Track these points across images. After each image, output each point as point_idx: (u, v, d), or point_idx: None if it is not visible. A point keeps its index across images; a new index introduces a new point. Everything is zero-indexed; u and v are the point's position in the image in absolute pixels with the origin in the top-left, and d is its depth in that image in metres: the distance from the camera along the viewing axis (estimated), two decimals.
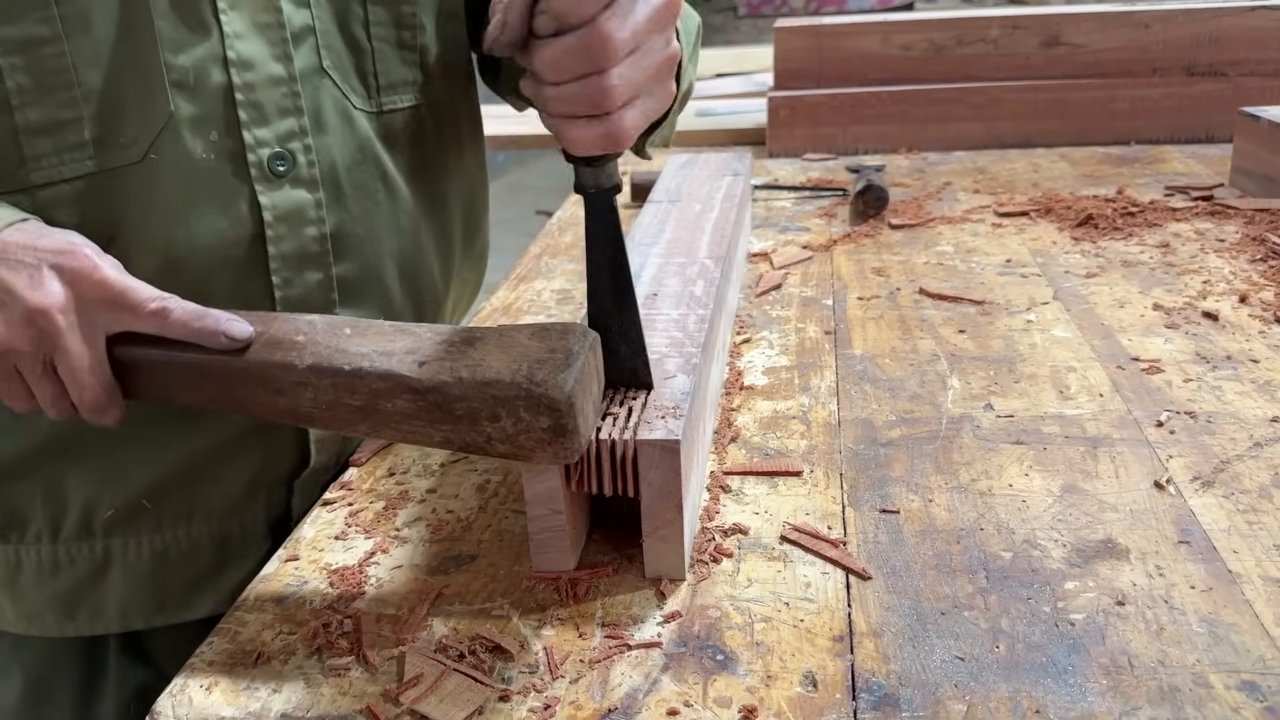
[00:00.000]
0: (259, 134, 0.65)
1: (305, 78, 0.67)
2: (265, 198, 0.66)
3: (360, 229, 0.72)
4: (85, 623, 0.72)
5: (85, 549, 0.70)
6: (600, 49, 0.51)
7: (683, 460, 0.55)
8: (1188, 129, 1.52)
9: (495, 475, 0.71)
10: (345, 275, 0.72)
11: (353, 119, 0.70)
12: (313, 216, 0.68)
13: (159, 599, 0.72)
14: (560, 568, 0.59)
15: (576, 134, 0.54)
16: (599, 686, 0.50)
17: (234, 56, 0.63)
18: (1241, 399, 0.74)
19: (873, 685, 0.49)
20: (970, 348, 0.86)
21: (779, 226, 1.23)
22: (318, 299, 0.70)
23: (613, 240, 0.59)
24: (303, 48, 0.67)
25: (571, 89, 0.52)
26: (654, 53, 0.54)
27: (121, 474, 0.68)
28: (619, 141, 0.54)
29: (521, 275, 1.13)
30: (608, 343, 0.60)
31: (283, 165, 0.66)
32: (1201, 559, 0.57)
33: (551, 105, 0.54)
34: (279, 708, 0.51)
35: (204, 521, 0.71)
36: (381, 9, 0.71)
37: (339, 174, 0.70)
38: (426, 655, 0.53)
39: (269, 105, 0.65)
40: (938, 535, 0.61)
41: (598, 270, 0.59)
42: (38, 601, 0.71)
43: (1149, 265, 1.02)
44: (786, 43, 1.61)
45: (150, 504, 0.69)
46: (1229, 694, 0.47)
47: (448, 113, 0.79)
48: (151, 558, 0.70)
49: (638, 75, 0.53)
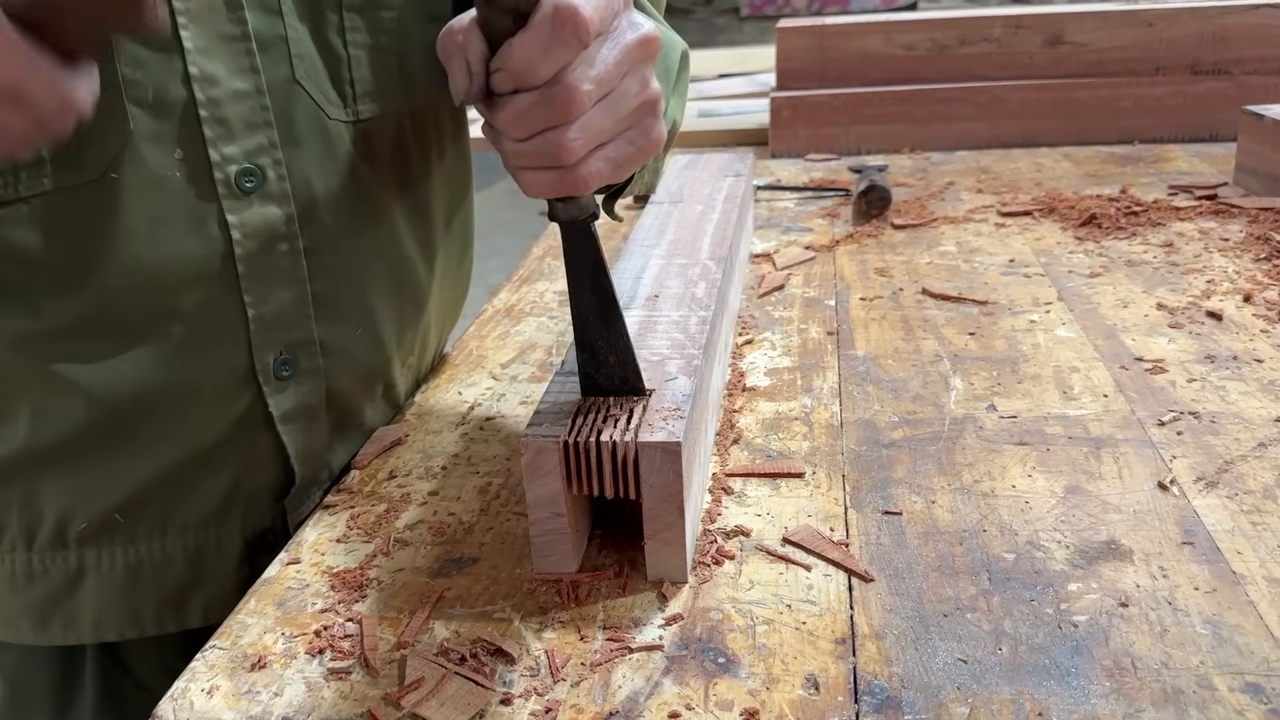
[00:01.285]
0: (225, 150, 0.63)
1: (275, 89, 0.65)
2: (233, 215, 0.64)
3: (336, 242, 0.70)
4: (59, 632, 0.71)
5: (59, 560, 0.69)
6: (563, 104, 0.49)
7: (684, 462, 0.55)
8: (1191, 128, 1.51)
9: (497, 478, 0.71)
10: (321, 290, 0.70)
11: (328, 130, 0.68)
12: (284, 232, 0.67)
13: (132, 612, 0.71)
14: (562, 570, 0.59)
15: (531, 179, 0.52)
16: (600, 689, 0.50)
17: (196, 72, 0.61)
18: (1246, 399, 0.74)
19: (875, 688, 0.49)
20: (973, 348, 0.86)
21: (781, 227, 1.23)
22: (292, 315, 0.68)
23: (593, 263, 0.58)
24: (273, 59, 0.65)
25: (532, 144, 0.51)
26: (626, 96, 0.52)
27: (95, 486, 0.67)
28: (576, 189, 0.52)
29: (524, 276, 1.13)
30: (596, 355, 0.60)
31: (250, 181, 0.64)
32: (1205, 560, 0.57)
33: (511, 159, 0.52)
34: (280, 711, 0.50)
35: (179, 536, 0.70)
36: (358, 15, 0.68)
37: (313, 187, 0.68)
38: (428, 658, 0.53)
39: (235, 120, 0.63)
40: (940, 537, 0.61)
41: (580, 291, 0.59)
42: (12, 610, 0.71)
43: (1153, 265, 1.02)
44: (789, 43, 1.61)
45: (123, 517, 0.68)
46: (1233, 696, 0.47)
47: (429, 119, 0.78)
48: (125, 571, 0.70)
49: (605, 123, 0.51)
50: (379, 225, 0.74)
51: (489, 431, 0.78)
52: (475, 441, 0.77)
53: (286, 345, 0.68)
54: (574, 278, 0.59)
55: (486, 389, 0.85)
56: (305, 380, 0.70)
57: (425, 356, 0.87)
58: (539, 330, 0.97)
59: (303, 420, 0.71)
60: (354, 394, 0.76)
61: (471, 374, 0.88)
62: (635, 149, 0.53)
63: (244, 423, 0.68)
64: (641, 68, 0.53)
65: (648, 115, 0.54)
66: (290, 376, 0.69)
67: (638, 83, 0.52)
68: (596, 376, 0.60)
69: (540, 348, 0.93)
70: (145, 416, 0.65)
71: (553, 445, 0.56)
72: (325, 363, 0.71)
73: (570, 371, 0.63)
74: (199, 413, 0.67)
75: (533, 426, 0.57)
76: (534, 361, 0.90)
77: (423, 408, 0.83)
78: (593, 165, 0.52)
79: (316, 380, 0.71)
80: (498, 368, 0.89)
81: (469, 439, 0.77)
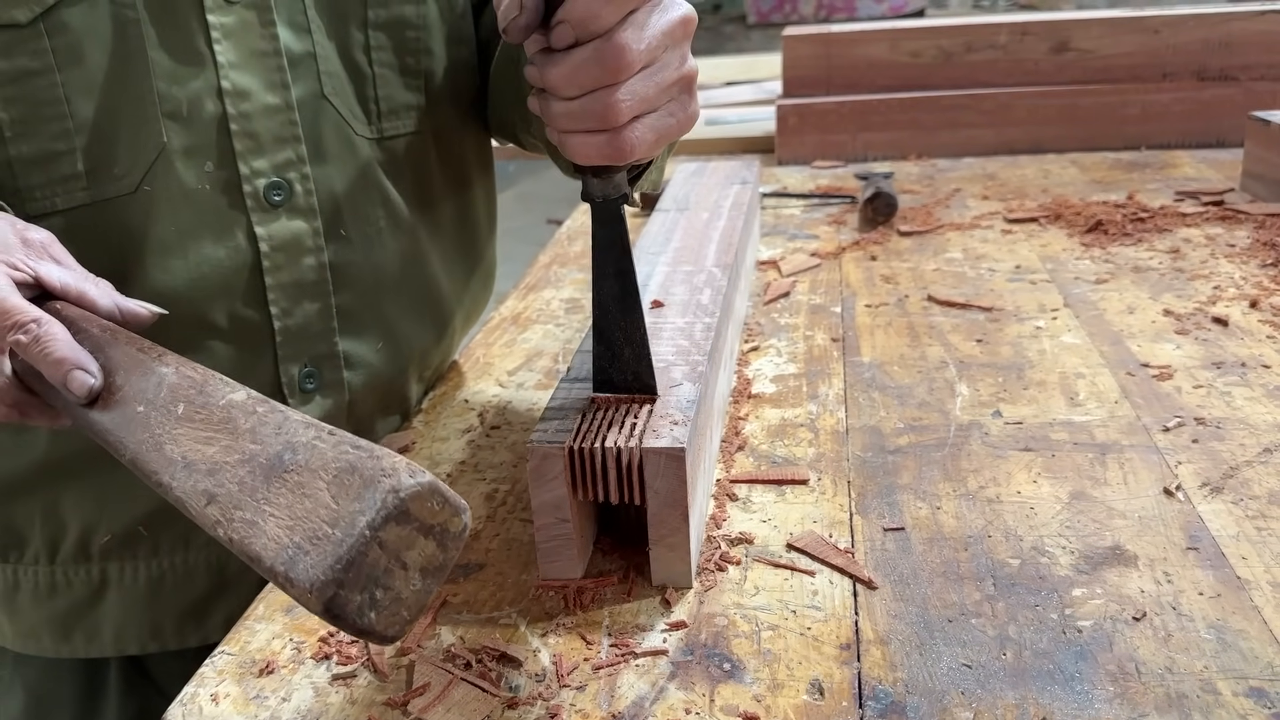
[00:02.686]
0: (255, 164, 0.65)
1: (304, 105, 0.66)
2: (261, 228, 0.65)
3: (360, 257, 0.71)
4: (81, 645, 0.72)
5: (82, 572, 0.70)
6: (614, 62, 0.50)
7: (688, 468, 0.56)
8: (1198, 134, 1.51)
9: (504, 485, 0.72)
10: (345, 304, 0.71)
11: (354, 145, 0.70)
12: (310, 245, 0.68)
13: (154, 625, 0.72)
14: (567, 575, 0.59)
15: (579, 144, 0.53)
16: (606, 695, 0.51)
17: (229, 86, 0.63)
18: (1251, 405, 0.74)
19: (880, 693, 0.49)
20: (979, 354, 0.86)
21: (788, 234, 1.23)
22: (317, 327, 0.69)
23: (619, 247, 0.59)
24: (302, 75, 0.66)
25: (581, 103, 0.52)
26: (669, 68, 0.53)
27: (119, 499, 0.68)
28: (622, 154, 0.53)
29: (531, 284, 1.13)
30: (611, 347, 0.60)
31: (279, 195, 0.66)
32: (1210, 565, 0.57)
33: (560, 121, 0.53)
34: (287, 717, 0.51)
35: (200, 550, 0.71)
36: (383, 34, 0.70)
37: (339, 202, 0.69)
38: (434, 664, 0.53)
39: (265, 135, 0.65)
40: (945, 543, 0.61)
41: (603, 276, 0.59)
42: (35, 622, 0.71)
43: (1159, 271, 1.02)
44: (795, 50, 1.61)
45: (147, 531, 0.69)
46: (1237, 700, 0.47)
47: (453, 137, 0.79)
48: (147, 584, 0.70)
49: (650, 90, 0.52)
50: (402, 241, 0.74)
51: (495, 439, 0.79)
52: (482, 448, 0.77)
53: (311, 358, 0.69)
54: (599, 262, 0.59)
55: (493, 396, 0.86)
56: (329, 393, 0.71)
57: (439, 369, 0.88)
58: (546, 338, 0.97)
59: None
60: (372, 406, 0.76)
61: (479, 381, 0.89)
62: (675, 121, 0.55)
63: None
64: (682, 44, 0.54)
65: (686, 90, 0.55)
66: (315, 389, 0.70)
67: (678, 57, 0.54)
68: (610, 371, 0.60)
69: (547, 355, 0.93)
70: None
71: (558, 451, 0.56)
72: (348, 376, 0.72)
73: (576, 378, 0.63)
74: None
75: (539, 432, 0.57)
76: (540, 369, 0.90)
77: (430, 414, 0.83)
78: (638, 131, 0.53)
79: (339, 393, 0.71)
80: (505, 375, 0.90)
81: (476, 446, 0.78)
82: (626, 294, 0.60)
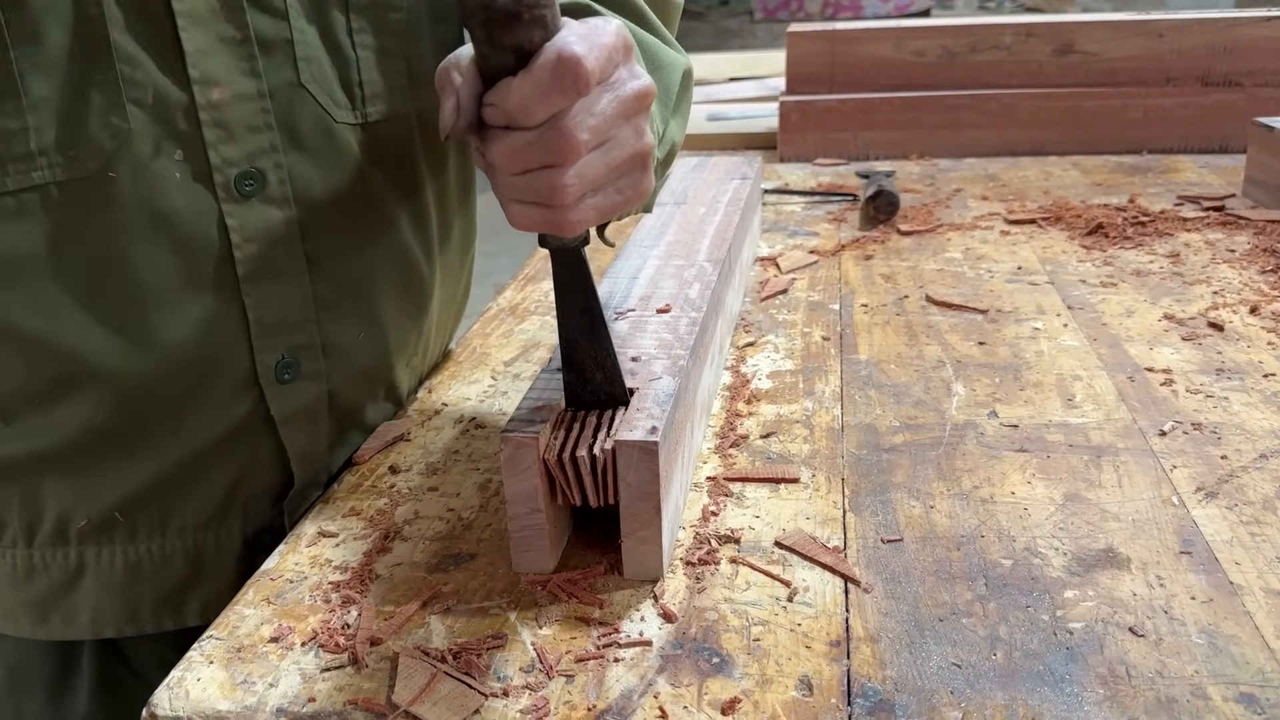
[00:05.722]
0: (225, 153, 0.63)
1: (278, 93, 0.65)
2: (232, 218, 0.64)
3: (339, 245, 0.70)
4: (58, 628, 0.72)
5: (59, 556, 0.69)
6: (560, 148, 0.49)
7: (662, 462, 0.55)
8: (1201, 139, 1.51)
9: (497, 475, 0.71)
10: (325, 294, 0.70)
11: (333, 133, 0.68)
12: (284, 235, 0.66)
13: (131, 609, 0.71)
14: (540, 568, 0.59)
15: (520, 214, 0.52)
16: (594, 687, 0.50)
17: (196, 74, 0.61)
18: (1248, 410, 0.74)
19: (868, 690, 0.49)
20: (976, 355, 0.86)
21: (788, 231, 1.23)
22: (295, 318, 0.68)
23: (583, 288, 0.58)
24: (276, 62, 0.65)
25: (526, 179, 0.51)
26: (622, 146, 0.52)
27: (96, 485, 0.67)
28: (565, 231, 0.52)
29: (529, 275, 1.13)
30: (583, 374, 0.60)
31: (250, 185, 0.64)
32: (1203, 570, 0.57)
33: (502, 190, 0.52)
34: (275, 703, 0.51)
35: (178, 535, 0.70)
36: (364, 16, 0.68)
37: (316, 191, 0.68)
38: (422, 653, 0.53)
39: (235, 123, 0.63)
40: (938, 542, 0.61)
41: (569, 316, 0.59)
42: (12, 604, 0.71)
43: (1159, 275, 1.01)
44: (799, 47, 1.61)
45: (123, 516, 0.68)
46: (1227, 706, 0.47)
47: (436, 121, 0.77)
48: (125, 569, 0.70)
49: (599, 171, 0.51)
50: (383, 227, 0.74)
51: (490, 429, 0.78)
52: (476, 439, 0.77)
53: (289, 348, 0.68)
54: (563, 303, 0.59)
55: (489, 386, 0.86)
56: (307, 383, 0.70)
57: (428, 356, 0.87)
58: (542, 329, 0.97)
59: (304, 422, 0.71)
60: (356, 395, 0.76)
61: (474, 371, 0.89)
62: (623, 198, 0.54)
63: (245, 424, 0.68)
64: (637, 118, 0.53)
65: (638, 167, 0.54)
66: (292, 379, 0.69)
67: (633, 133, 0.53)
68: (582, 394, 0.60)
69: (544, 346, 0.93)
70: (146, 417, 0.65)
71: (531, 441, 0.55)
72: (328, 365, 0.71)
73: (557, 368, 0.63)
74: (200, 414, 0.67)
75: (513, 422, 0.57)
76: (537, 360, 0.90)
77: (425, 404, 0.83)
78: (582, 210, 0.52)
79: (319, 383, 0.71)
80: (500, 365, 0.90)
81: (470, 436, 0.77)
82: (594, 327, 0.59)
